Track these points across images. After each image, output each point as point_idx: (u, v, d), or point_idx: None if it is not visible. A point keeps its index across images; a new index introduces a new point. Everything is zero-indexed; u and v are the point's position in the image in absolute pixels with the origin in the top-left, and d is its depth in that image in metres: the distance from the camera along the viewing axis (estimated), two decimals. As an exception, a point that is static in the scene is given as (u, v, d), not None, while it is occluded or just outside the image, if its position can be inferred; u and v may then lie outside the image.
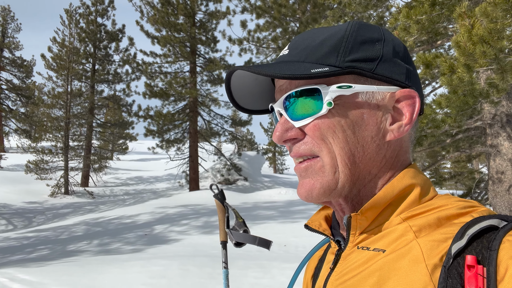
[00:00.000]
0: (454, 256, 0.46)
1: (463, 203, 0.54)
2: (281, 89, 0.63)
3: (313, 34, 0.62)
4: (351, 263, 0.57)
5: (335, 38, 0.59)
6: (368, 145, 0.59)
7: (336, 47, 0.59)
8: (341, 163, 0.58)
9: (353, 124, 0.58)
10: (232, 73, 0.64)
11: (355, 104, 0.59)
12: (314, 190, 0.59)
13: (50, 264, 6.32)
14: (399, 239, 0.53)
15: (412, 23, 3.09)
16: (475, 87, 2.58)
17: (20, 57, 26.75)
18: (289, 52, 0.62)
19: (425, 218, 0.53)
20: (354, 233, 0.58)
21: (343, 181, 0.58)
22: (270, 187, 19.32)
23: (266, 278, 5.13)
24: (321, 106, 0.58)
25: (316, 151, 0.59)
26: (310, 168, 0.60)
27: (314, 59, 0.59)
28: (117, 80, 21.65)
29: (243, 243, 1.02)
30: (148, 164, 29.36)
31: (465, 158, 7.28)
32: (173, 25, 17.08)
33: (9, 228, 11.50)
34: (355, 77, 0.59)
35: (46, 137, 18.79)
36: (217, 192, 1.13)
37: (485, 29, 2.15)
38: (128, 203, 15.49)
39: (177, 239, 8.48)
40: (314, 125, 0.58)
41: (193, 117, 18.01)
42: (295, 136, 0.60)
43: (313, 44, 0.60)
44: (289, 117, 0.60)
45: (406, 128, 0.60)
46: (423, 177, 0.61)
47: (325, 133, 0.58)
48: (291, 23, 16.68)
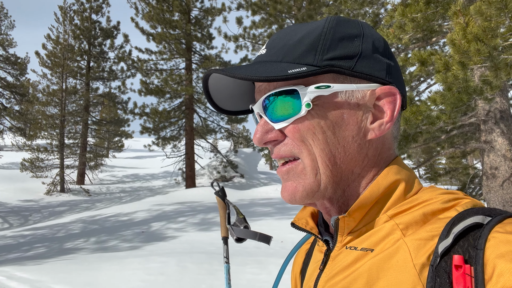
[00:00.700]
0: (441, 255, 0.47)
1: (447, 196, 0.54)
2: (260, 89, 0.61)
3: (291, 31, 0.61)
4: (340, 264, 0.57)
5: (313, 36, 0.58)
6: (349, 145, 0.58)
7: (313, 45, 0.57)
8: (321, 164, 0.57)
9: (333, 125, 0.57)
10: (208, 76, 0.63)
11: (334, 104, 0.58)
12: (297, 193, 0.58)
13: (48, 262, 6.32)
14: (386, 238, 0.53)
15: (408, 21, 3.12)
16: (470, 84, 2.62)
17: (14, 54, 26.48)
18: (267, 51, 0.61)
19: (411, 214, 0.53)
20: (342, 233, 0.58)
21: (325, 183, 0.58)
22: (266, 183, 19.37)
23: (263, 274, 5.17)
24: (300, 108, 0.57)
25: (296, 152, 0.58)
26: (291, 171, 0.59)
27: (291, 58, 0.57)
28: (112, 78, 21.55)
29: (244, 238, 1.04)
30: (144, 161, 29.30)
31: (459, 154, 7.35)
32: (168, 22, 17.01)
33: (5, 227, 11.46)
34: (334, 75, 0.58)
35: (41, 135, 18.71)
36: (218, 189, 1.15)
37: (480, 27, 2.18)
38: (124, 201, 15.47)
39: (174, 236, 8.50)
40: (294, 127, 0.57)
41: (189, 114, 17.99)
42: (275, 138, 0.60)
43: (290, 43, 0.59)
44: (268, 118, 0.59)
45: (388, 126, 0.59)
46: (407, 171, 0.60)
47: (304, 135, 0.57)
48: (286, 19, 16.68)
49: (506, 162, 4.45)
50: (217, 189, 1.16)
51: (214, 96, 0.67)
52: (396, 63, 0.63)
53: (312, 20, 13.35)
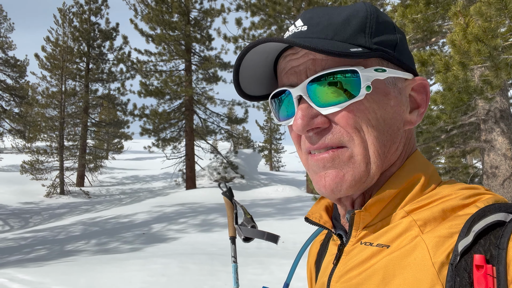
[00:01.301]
0: (461, 254, 0.45)
1: (467, 192, 0.52)
2: (297, 70, 0.56)
3: (330, 11, 0.57)
4: (354, 259, 0.55)
5: (359, 17, 0.55)
6: (395, 134, 0.56)
7: (362, 27, 0.54)
8: (373, 153, 0.54)
9: (385, 112, 0.54)
10: (256, 45, 0.54)
11: (384, 90, 0.55)
12: (345, 183, 0.54)
13: (49, 264, 6.33)
14: (403, 234, 0.51)
15: (408, 22, 3.14)
16: (470, 84, 2.63)
17: (13, 57, 26.47)
18: (309, 28, 0.55)
19: (430, 210, 0.51)
20: (356, 228, 0.56)
21: (373, 173, 0.55)
22: (266, 184, 19.38)
23: (265, 274, 5.18)
24: (358, 91, 0.52)
25: (346, 141, 0.54)
26: (337, 159, 0.54)
27: (342, 37, 0.53)
28: (111, 79, 21.56)
29: (252, 238, 1.06)
30: (144, 163, 29.30)
31: (459, 153, 7.37)
32: (168, 23, 17.03)
33: (5, 229, 11.46)
34: (379, 60, 0.55)
35: (41, 137, 18.70)
36: (226, 190, 1.16)
37: (480, 27, 2.20)
38: (124, 203, 15.47)
39: (175, 238, 8.50)
40: (348, 112, 0.53)
41: (189, 116, 18.00)
42: (321, 125, 0.54)
43: (337, 22, 0.55)
44: (314, 102, 0.54)
45: (421, 116, 0.58)
46: (426, 165, 0.59)
47: (359, 121, 0.53)
48: (286, 20, 16.70)
49: (506, 161, 4.47)
50: (225, 189, 1.17)
51: (240, 74, 0.60)
52: None
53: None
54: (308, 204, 11.88)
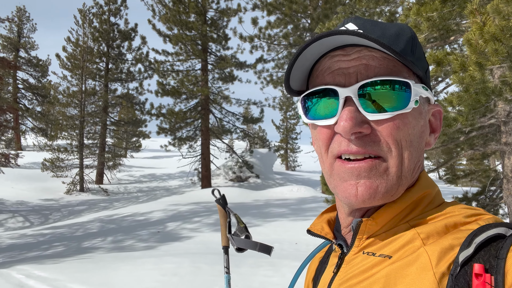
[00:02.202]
0: (462, 264, 0.46)
1: (469, 211, 0.54)
2: (346, 72, 0.55)
3: (378, 22, 0.58)
4: (355, 268, 0.56)
5: (407, 35, 0.57)
6: (421, 153, 0.59)
7: (409, 45, 0.56)
8: (406, 168, 0.55)
9: (418, 130, 0.57)
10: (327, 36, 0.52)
11: (420, 109, 0.57)
12: (378, 194, 0.54)
13: (65, 261, 6.46)
14: (406, 245, 0.52)
15: (423, 20, 3.04)
16: (487, 85, 2.53)
17: (35, 56, 27.26)
18: (365, 33, 0.55)
19: (433, 225, 0.53)
20: (360, 237, 0.57)
21: (402, 188, 0.56)
22: (282, 184, 19.31)
23: (276, 277, 5.14)
24: (407, 103, 0.53)
25: (385, 151, 0.54)
26: (374, 169, 0.54)
27: (397, 49, 0.54)
28: (130, 79, 21.89)
29: (245, 248, 1.02)
30: (161, 161, 29.65)
31: (479, 156, 7.14)
32: (185, 23, 17.16)
33: (26, 225, 11.77)
34: (419, 80, 0.58)
35: (62, 136, 19.14)
36: (219, 197, 1.13)
37: (497, 26, 2.10)
38: (141, 200, 15.69)
39: (189, 237, 8.55)
40: (394, 123, 0.54)
41: (204, 115, 18.09)
42: (365, 130, 0.54)
43: (390, 33, 0.55)
44: (363, 107, 0.54)
45: (435, 140, 0.62)
46: (433, 184, 0.61)
47: (401, 134, 0.54)
48: (302, 19, 16.58)
49: (528, 164, 4.29)
50: (218, 197, 1.14)
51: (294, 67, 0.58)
52: None
53: (328, 19, 13.22)
54: (323, 205, 11.76)
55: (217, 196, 1.14)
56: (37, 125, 26.40)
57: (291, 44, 16.45)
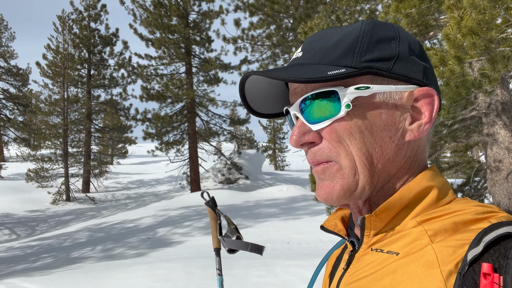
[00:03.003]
0: (470, 263, 0.45)
1: (481, 208, 0.53)
2: (296, 91, 0.61)
3: (326, 34, 0.61)
4: (364, 265, 0.57)
5: (350, 38, 0.58)
6: (387, 145, 0.58)
7: (351, 47, 0.57)
8: (359, 164, 0.57)
9: (371, 125, 0.58)
10: (247, 78, 0.63)
11: (373, 105, 0.58)
12: (334, 192, 0.58)
13: (55, 272, 6.34)
14: (414, 242, 0.53)
15: (402, 17, 3.09)
16: (467, 78, 2.58)
17: (15, 65, 26.69)
18: (303, 54, 0.61)
19: (441, 222, 0.52)
20: (368, 234, 0.58)
21: (363, 183, 0.58)
22: (271, 184, 19.34)
23: (269, 277, 5.15)
24: (339, 109, 0.57)
25: (333, 156, 0.58)
26: (327, 171, 0.59)
27: (329, 60, 0.58)
28: (113, 85, 21.62)
29: (236, 249, 1.02)
30: (149, 167, 29.38)
31: (463, 147, 7.29)
32: (167, 26, 17.05)
33: (12, 238, 11.52)
34: (372, 77, 0.58)
35: (45, 145, 18.78)
36: (208, 200, 1.13)
37: (474, 20, 2.15)
38: (130, 207, 15.51)
39: (180, 241, 8.50)
40: (331, 128, 0.58)
41: (191, 118, 18.01)
42: (312, 140, 0.59)
43: (328, 45, 0.59)
44: (305, 120, 0.59)
45: (426, 127, 0.59)
46: (441, 179, 0.60)
47: (342, 135, 0.57)
48: (284, 19, 16.67)
49: (510, 154, 4.40)
50: (207, 199, 1.14)
51: (249, 99, 0.67)
52: (431, 66, 0.64)
53: (309, 18, 13.32)
54: (313, 204, 11.83)
55: (206, 198, 1.14)
56: (19, 135, 25.85)
57: (275, 44, 16.51)
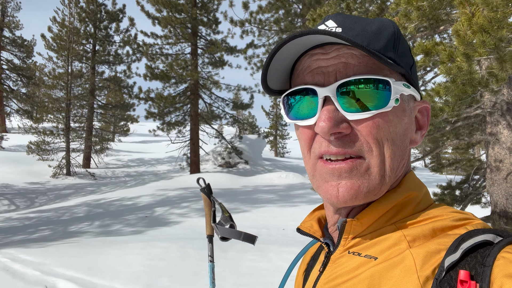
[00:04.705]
0: (447, 269, 0.46)
1: (458, 215, 0.53)
2: (325, 71, 0.54)
3: (360, 19, 0.57)
4: (341, 268, 0.56)
5: (389, 31, 0.55)
6: (405, 151, 0.57)
7: (391, 42, 0.55)
8: (388, 167, 0.54)
9: (401, 128, 0.56)
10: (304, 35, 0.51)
11: (403, 106, 0.56)
12: (360, 194, 0.54)
13: (52, 245, 6.43)
14: (392, 247, 0.52)
15: (413, 9, 3.03)
16: (474, 76, 2.55)
17: (20, 36, 26.48)
18: (344, 31, 0.55)
19: (420, 228, 0.52)
20: (346, 237, 0.57)
21: (386, 186, 0.55)
22: (270, 170, 19.40)
23: (263, 262, 5.21)
24: (387, 102, 0.52)
25: (365, 151, 0.54)
26: (355, 170, 0.54)
27: (376, 47, 0.53)
28: (117, 62, 21.48)
29: (229, 237, 1.03)
30: (150, 146, 29.45)
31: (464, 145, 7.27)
32: (174, 5, 16.81)
33: (11, 208, 11.64)
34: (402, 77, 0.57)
35: (48, 118, 18.80)
36: (204, 186, 1.13)
37: (485, 17, 2.10)
38: (129, 185, 15.61)
39: (177, 222, 8.58)
40: (374, 122, 0.53)
41: (194, 100, 17.94)
42: (344, 130, 0.53)
43: (371, 30, 0.54)
44: (342, 107, 0.53)
45: (422, 138, 0.60)
46: (421, 185, 0.60)
47: (381, 133, 0.53)
48: (293, 4, 16.41)
49: (511, 155, 4.38)
50: (203, 185, 1.14)
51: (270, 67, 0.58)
52: None
53: (319, 5, 13.09)
54: (310, 192, 11.88)
55: (202, 185, 1.14)
56: (22, 107, 25.84)
57: (282, 30, 16.30)
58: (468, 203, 5.69)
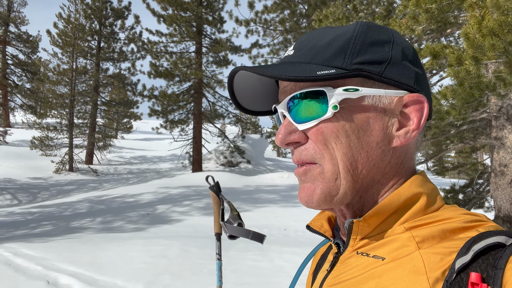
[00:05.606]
0: (458, 271, 0.45)
1: (470, 217, 0.53)
2: (285, 90, 0.60)
3: (320, 34, 0.60)
4: (349, 268, 0.57)
5: (343, 39, 0.57)
6: (373, 151, 0.57)
7: (343, 49, 0.56)
8: (343, 169, 0.56)
9: (358, 129, 0.56)
10: (235, 73, 0.61)
11: (361, 108, 0.57)
12: (314, 196, 0.57)
13: (54, 240, 6.44)
14: (401, 248, 0.52)
15: (422, 12, 3.02)
16: (482, 80, 2.53)
17: (25, 32, 26.57)
18: (294, 52, 0.60)
19: (429, 229, 0.52)
20: (354, 238, 0.57)
21: (345, 188, 0.57)
22: (272, 170, 19.39)
23: (264, 261, 5.20)
24: (326, 109, 0.56)
25: (318, 157, 0.57)
26: (309, 172, 0.58)
27: (320, 60, 0.57)
28: (122, 59, 21.53)
29: (237, 236, 1.02)
30: (152, 144, 29.50)
31: (468, 149, 7.24)
32: (180, 3, 16.83)
33: (14, 203, 11.69)
34: (362, 80, 0.57)
35: (51, 114, 18.87)
36: (213, 184, 1.13)
37: (496, 21, 2.09)
38: (131, 182, 15.64)
39: (179, 220, 8.59)
40: (318, 129, 0.56)
41: (197, 98, 17.95)
42: (298, 140, 0.58)
43: (320, 45, 0.58)
44: (292, 119, 0.58)
45: (414, 134, 0.58)
46: (430, 185, 0.59)
47: (328, 138, 0.56)
48: (299, 5, 16.40)
49: (516, 159, 4.36)
50: (212, 183, 1.13)
51: (237, 94, 0.66)
52: (424, 72, 0.63)
53: (325, 6, 13.08)
54: (312, 192, 11.87)
55: (211, 183, 1.13)
56: (26, 102, 25.94)
57: (287, 30, 16.29)
58: (471, 207, 5.67)
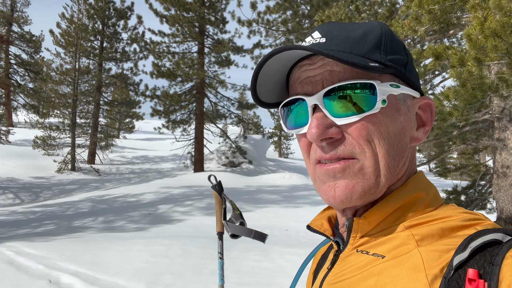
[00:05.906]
0: (456, 268, 0.46)
1: (468, 215, 0.53)
2: (313, 80, 0.57)
3: (347, 25, 0.59)
4: (349, 266, 0.57)
5: (375, 34, 0.57)
6: (403, 149, 0.58)
7: (377, 44, 0.56)
8: (384, 167, 0.55)
9: (396, 127, 0.56)
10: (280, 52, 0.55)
11: (396, 106, 0.57)
12: (355, 193, 0.55)
13: (55, 239, 6.46)
14: (400, 246, 0.53)
15: (424, 13, 3.02)
16: (485, 81, 2.53)
17: (28, 32, 26.67)
18: (327, 41, 0.57)
19: (429, 227, 0.53)
20: (354, 236, 0.58)
21: (382, 186, 0.56)
22: (274, 171, 19.39)
23: (265, 262, 5.20)
24: (374, 104, 0.54)
25: (357, 153, 0.55)
26: (348, 169, 0.56)
27: (360, 52, 0.55)
28: (125, 59, 21.57)
29: (239, 235, 1.03)
30: (154, 143, 29.53)
31: (471, 150, 7.23)
32: (182, 4, 16.86)
33: (16, 202, 11.73)
34: (392, 77, 0.58)
35: (54, 114, 18.92)
36: (215, 184, 1.13)
37: (498, 22, 2.09)
38: (133, 182, 15.67)
39: (180, 219, 8.60)
40: (362, 124, 0.54)
41: (199, 99, 17.97)
42: (335, 135, 0.56)
43: (354, 36, 0.56)
44: (330, 113, 0.55)
45: (426, 134, 0.60)
46: (430, 185, 0.60)
47: (372, 134, 0.55)
48: (301, 5, 16.40)
49: (518, 161, 4.35)
50: (214, 183, 1.14)
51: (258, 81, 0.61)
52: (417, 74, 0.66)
53: (327, 7, 13.07)
54: (314, 193, 11.87)
55: (213, 182, 1.14)
56: (29, 101, 26.02)
57: (290, 31, 16.29)
58: (474, 209, 5.66)
